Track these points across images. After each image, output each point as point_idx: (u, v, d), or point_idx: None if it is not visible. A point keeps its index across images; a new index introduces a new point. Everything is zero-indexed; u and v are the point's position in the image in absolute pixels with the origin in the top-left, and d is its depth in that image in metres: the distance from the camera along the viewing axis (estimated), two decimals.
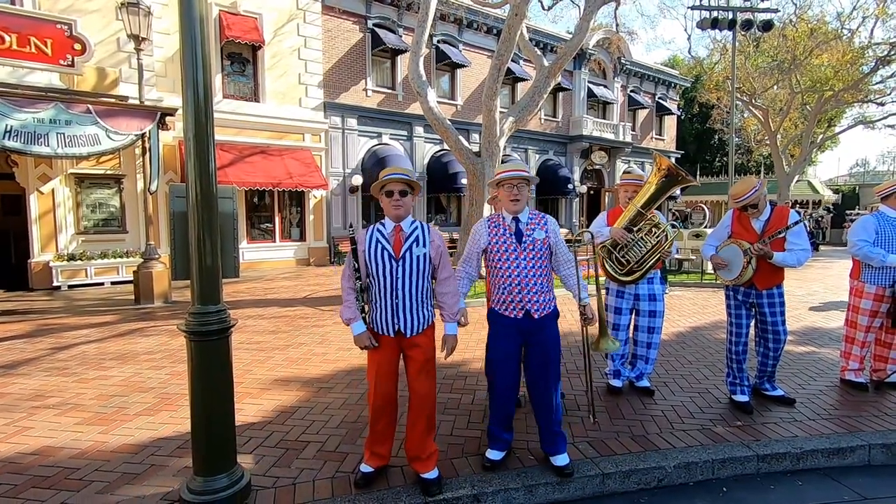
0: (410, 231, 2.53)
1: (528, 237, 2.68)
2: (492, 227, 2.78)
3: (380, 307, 2.52)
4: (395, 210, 2.50)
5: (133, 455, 2.96)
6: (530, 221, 2.73)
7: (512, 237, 2.70)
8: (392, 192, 2.49)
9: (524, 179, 2.69)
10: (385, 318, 2.52)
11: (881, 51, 16.92)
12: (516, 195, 2.68)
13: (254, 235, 13.31)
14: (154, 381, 4.28)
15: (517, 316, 2.70)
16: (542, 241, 2.69)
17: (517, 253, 2.68)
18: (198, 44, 2.28)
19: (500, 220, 2.77)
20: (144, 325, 6.50)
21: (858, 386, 4.04)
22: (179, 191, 2.43)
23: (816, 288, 9.66)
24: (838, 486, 2.88)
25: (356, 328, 2.53)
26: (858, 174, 44.90)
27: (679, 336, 5.85)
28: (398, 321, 2.50)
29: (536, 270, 2.68)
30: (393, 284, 2.48)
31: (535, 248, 2.68)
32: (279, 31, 13.14)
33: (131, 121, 8.22)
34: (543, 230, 2.71)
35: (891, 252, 3.81)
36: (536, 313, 2.68)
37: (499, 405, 2.80)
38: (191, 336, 2.33)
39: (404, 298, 2.49)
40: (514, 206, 2.71)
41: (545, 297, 2.71)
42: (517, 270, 2.68)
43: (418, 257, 2.50)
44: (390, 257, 2.48)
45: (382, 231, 2.53)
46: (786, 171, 19.01)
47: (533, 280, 2.67)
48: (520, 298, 2.68)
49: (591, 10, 9.66)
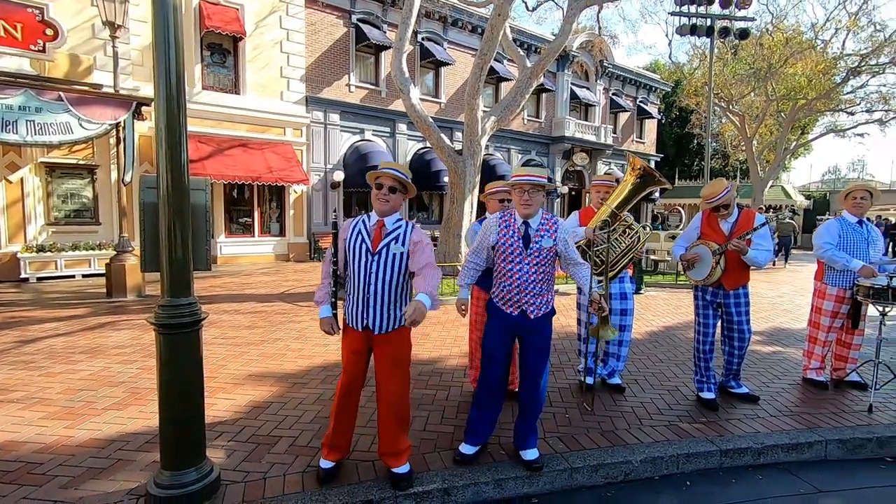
0: (393, 228, 2.51)
1: (535, 244, 2.68)
2: (502, 226, 2.76)
3: (353, 300, 2.54)
4: (380, 204, 2.49)
5: (99, 450, 2.91)
6: (541, 227, 2.71)
7: (520, 241, 2.69)
8: (382, 185, 2.48)
9: (538, 186, 2.67)
10: (356, 312, 2.52)
11: (852, 62, 17.48)
12: (527, 200, 2.66)
13: (232, 230, 13.12)
14: (124, 376, 4.20)
15: (513, 313, 2.74)
16: (548, 249, 2.69)
17: (522, 257, 2.68)
18: (171, 32, 2.24)
19: (511, 221, 2.75)
20: (116, 318, 6.36)
21: (819, 384, 4.19)
22: (150, 182, 2.40)
23: (785, 290, 9.96)
24: (796, 479, 2.99)
25: (322, 311, 2.59)
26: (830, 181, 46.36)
27: (651, 335, 5.98)
28: (367, 317, 2.50)
29: (538, 276, 2.69)
30: (366, 279, 2.48)
31: (541, 256, 2.68)
32: (261, 23, 12.95)
33: (105, 110, 8.01)
34: (552, 238, 2.70)
35: (851, 254, 3.97)
36: (532, 314, 2.72)
37: (480, 392, 2.85)
38: (160, 329, 2.30)
39: (376, 294, 2.48)
40: (525, 211, 2.70)
41: (543, 299, 2.73)
42: (518, 274, 2.69)
43: (395, 255, 2.48)
44: (367, 251, 2.47)
45: (366, 223, 2.54)
46: (760, 177, 19.51)
47: (533, 285, 2.69)
48: (517, 299, 2.72)
49: (573, 12, 9.76)
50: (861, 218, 4.07)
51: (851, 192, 4.07)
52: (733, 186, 3.65)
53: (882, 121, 19.20)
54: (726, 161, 29.61)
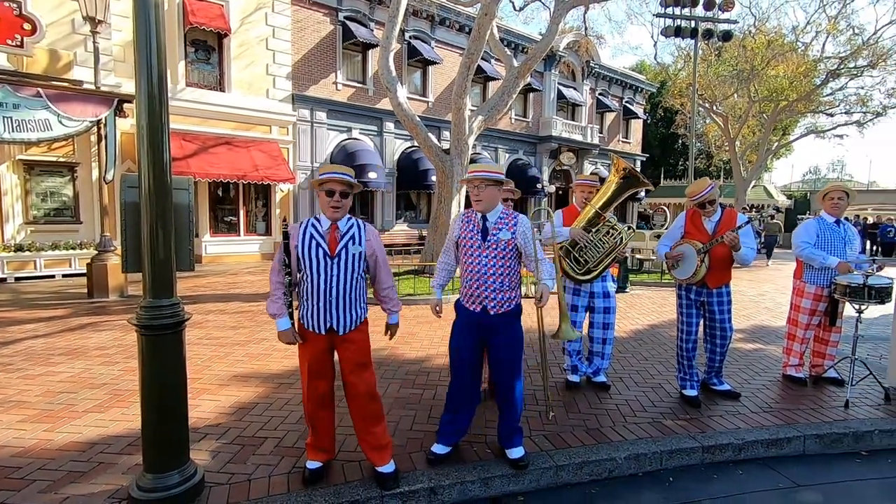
0: (346, 229, 2.50)
1: (493, 236, 2.72)
2: (464, 222, 2.85)
3: (312, 304, 2.48)
4: (333, 212, 2.46)
5: (80, 453, 2.86)
6: (499, 221, 2.75)
7: (478, 234, 2.75)
8: (333, 191, 2.44)
9: (490, 181, 2.70)
10: (317, 316, 2.48)
11: (831, 64, 17.84)
12: (477, 195, 2.73)
13: (218, 228, 12.96)
14: (106, 377, 4.14)
15: (475, 310, 2.77)
16: (506, 241, 2.71)
17: (480, 249, 2.74)
18: (152, 28, 2.22)
19: (472, 216, 2.83)
20: (97, 319, 6.25)
21: (798, 381, 4.28)
22: (131, 181, 2.36)
23: (767, 288, 10.14)
24: (775, 474, 3.05)
25: (281, 324, 2.51)
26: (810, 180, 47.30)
27: (637, 333, 6.05)
28: (331, 319, 2.49)
29: (497, 269, 2.72)
30: (327, 282, 2.45)
31: (499, 248, 2.71)
32: (246, 20, 12.81)
33: (86, 106, 7.86)
34: (510, 231, 2.73)
35: (829, 253, 4.06)
36: (492, 309, 2.73)
37: (451, 391, 2.88)
38: (142, 330, 2.28)
39: (338, 296, 2.47)
40: (477, 206, 2.76)
41: (504, 296, 2.74)
42: (477, 266, 2.74)
43: (354, 255, 2.49)
44: (325, 255, 2.45)
45: (318, 227, 2.49)
46: (743, 177, 19.82)
47: (492, 278, 2.72)
48: (478, 293, 2.74)
49: (560, 12, 9.82)
50: (838, 218, 4.17)
51: (829, 193, 4.16)
52: (716, 185, 3.71)
53: (860, 122, 19.63)
54: (710, 161, 30.02)
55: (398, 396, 3.83)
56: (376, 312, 2.96)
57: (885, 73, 17.56)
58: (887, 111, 18.71)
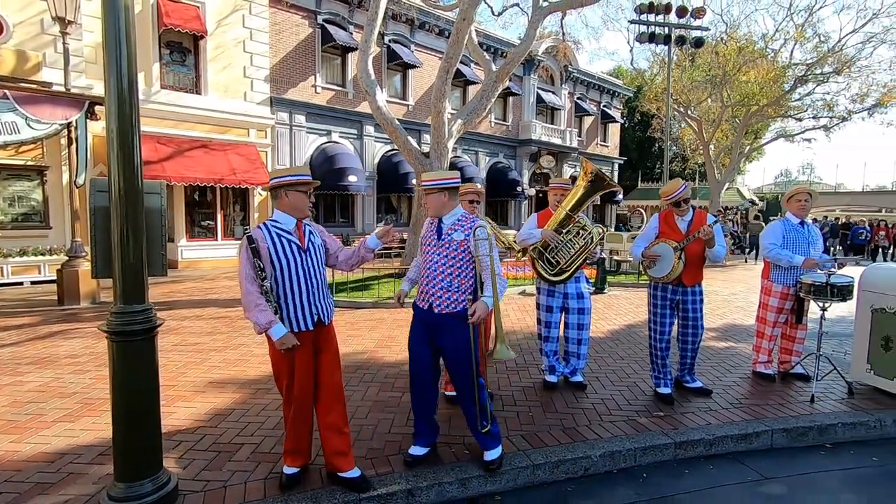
0: (304, 226, 2.64)
1: (446, 236, 2.82)
2: (428, 223, 2.96)
3: (296, 301, 2.50)
4: (308, 210, 2.61)
5: (48, 464, 2.79)
6: (455, 223, 2.84)
7: (434, 234, 2.86)
8: (309, 191, 2.60)
9: (431, 189, 2.80)
10: (304, 310, 2.52)
11: (799, 71, 18.45)
12: (424, 202, 2.89)
13: (194, 233, 12.73)
14: (76, 386, 4.04)
15: (423, 307, 2.84)
16: (458, 242, 2.78)
17: (434, 248, 2.83)
18: (122, 30, 2.19)
19: (434, 220, 2.92)
20: (68, 326, 6.09)
21: (767, 377, 4.42)
22: (101, 185, 2.33)
23: (740, 288, 10.41)
24: (744, 468, 3.15)
25: (277, 331, 2.39)
26: (782, 183, 48.69)
27: (614, 333, 6.16)
28: (317, 310, 2.56)
29: (446, 269, 2.78)
30: (307, 274, 2.54)
31: (451, 248, 2.78)
32: (223, 22, 12.65)
33: (55, 109, 7.66)
34: (464, 233, 2.79)
35: (795, 254, 4.21)
36: (437, 308, 2.78)
37: (412, 393, 2.93)
38: (112, 336, 2.24)
39: (318, 286, 2.59)
40: (427, 211, 2.90)
41: (450, 296, 2.76)
42: (429, 264, 2.84)
43: (318, 246, 2.66)
44: (298, 248, 2.54)
45: (282, 227, 2.54)
46: (717, 179, 20.33)
47: (441, 276, 2.78)
48: (427, 290, 2.82)
49: (538, 17, 9.96)
50: (803, 219, 4.33)
51: (794, 195, 4.32)
52: (688, 185, 3.86)
53: (827, 127, 20.34)
54: (685, 164, 30.69)
55: (377, 400, 3.84)
56: (345, 318, 2.96)
57: (849, 79, 18.25)
58: (852, 116, 19.43)
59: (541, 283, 4.06)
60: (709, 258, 3.81)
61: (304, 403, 2.58)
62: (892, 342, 3.97)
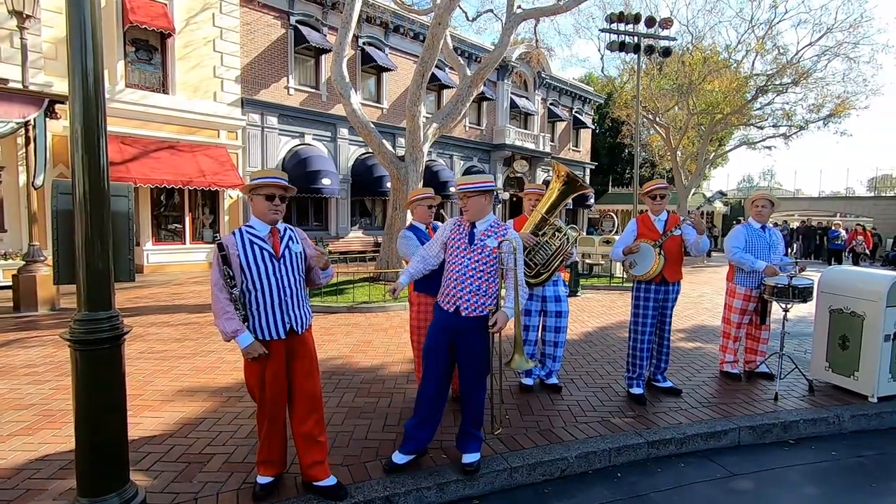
0: (283, 231, 2.56)
1: (479, 241, 2.82)
2: (455, 227, 2.94)
3: (267, 310, 2.45)
4: (273, 214, 2.48)
5: (5, 480, 2.65)
6: (489, 229, 2.85)
7: (465, 237, 2.85)
8: (273, 195, 2.47)
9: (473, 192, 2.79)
10: (275, 320, 2.46)
11: (760, 81, 19.24)
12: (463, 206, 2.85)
13: (161, 236, 12.35)
14: (35, 397, 3.85)
15: (449, 310, 2.82)
16: (492, 248, 2.81)
17: (465, 252, 2.82)
18: (87, 26, 2.10)
19: (463, 222, 2.92)
20: (25, 335, 5.81)
21: (733, 376, 4.57)
22: (64, 187, 2.23)
23: (707, 290, 10.74)
24: (713, 465, 3.24)
25: (244, 340, 2.38)
26: (745, 188, 50.54)
27: (587, 335, 6.26)
28: (289, 319, 2.49)
29: (476, 273, 2.79)
30: (279, 283, 2.47)
31: (483, 253, 2.80)
32: (192, 20, 12.34)
33: (11, 107, 7.32)
34: (497, 240, 2.82)
35: (756, 257, 4.38)
36: (464, 311, 2.78)
37: (424, 395, 2.88)
38: (76, 345, 2.14)
39: (292, 295, 2.50)
40: (465, 216, 2.86)
41: (478, 300, 2.79)
42: (459, 267, 2.81)
43: (296, 254, 2.56)
44: (271, 256, 2.46)
45: (255, 234, 2.48)
46: (684, 184, 20.96)
47: (470, 280, 2.78)
48: (454, 293, 2.80)
49: (511, 24, 10.08)
50: (764, 224, 4.50)
51: (754, 201, 4.50)
52: (667, 184, 4.04)
53: (786, 135, 21.26)
54: (654, 169, 31.48)
55: (353, 406, 3.79)
56: (319, 323, 2.92)
57: (806, 90, 19.13)
58: (809, 125, 20.35)
59: None
60: (696, 249, 3.93)
61: (276, 413, 2.52)
62: (848, 341, 4.16)
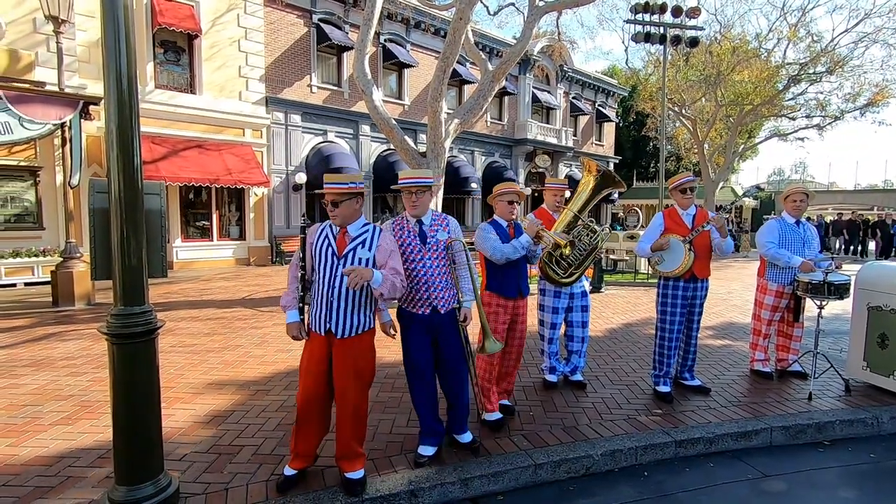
0: (358, 234, 2.55)
1: (431, 238, 2.82)
2: (396, 230, 2.86)
3: (317, 303, 2.55)
4: (333, 219, 2.56)
5: (47, 468, 2.77)
6: (433, 223, 2.87)
7: (416, 238, 2.81)
8: (327, 201, 2.53)
9: (423, 187, 2.78)
10: (319, 316, 2.52)
11: (792, 70, 18.58)
12: (415, 201, 2.79)
13: (189, 234, 12.68)
14: (73, 388, 4.01)
15: (425, 312, 2.81)
16: (444, 241, 2.85)
17: (422, 253, 2.81)
18: (121, 30, 2.17)
19: (403, 223, 2.86)
20: (63, 328, 6.04)
21: (765, 375, 4.44)
22: (101, 186, 2.31)
23: (735, 286, 10.47)
24: (744, 465, 3.16)
25: (290, 316, 2.58)
26: (775, 182, 49.00)
27: (612, 332, 6.18)
28: (330, 321, 2.50)
29: (441, 269, 2.83)
30: (331, 283, 2.49)
31: (439, 248, 2.84)
32: (218, 21, 12.59)
33: (49, 109, 7.59)
34: (446, 231, 2.87)
35: (794, 253, 4.23)
36: (443, 308, 2.83)
37: (418, 394, 2.90)
38: (112, 339, 2.22)
39: (339, 298, 2.49)
40: (413, 211, 2.83)
41: (449, 293, 2.86)
42: (423, 269, 2.79)
43: (360, 259, 2.50)
44: (333, 254, 2.51)
45: (331, 230, 2.58)
46: (712, 178, 20.45)
47: (439, 278, 2.81)
48: (427, 296, 2.80)
49: (533, 17, 9.96)
50: (798, 218, 4.35)
51: (790, 195, 4.34)
52: (696, 178, 3.92)
53: (820, 126, 20.50)
54: (680, 163, 30.81)
55: (377, 400, 3.82)
56: None
57: (842, 78, 18.40)
58: (845, 115, 19.58)
59: (545, 285, 4.02)
60: (719, 250, 3.82)
61: (306, 406, 2.56)
62: (888, 339, 4.00)
